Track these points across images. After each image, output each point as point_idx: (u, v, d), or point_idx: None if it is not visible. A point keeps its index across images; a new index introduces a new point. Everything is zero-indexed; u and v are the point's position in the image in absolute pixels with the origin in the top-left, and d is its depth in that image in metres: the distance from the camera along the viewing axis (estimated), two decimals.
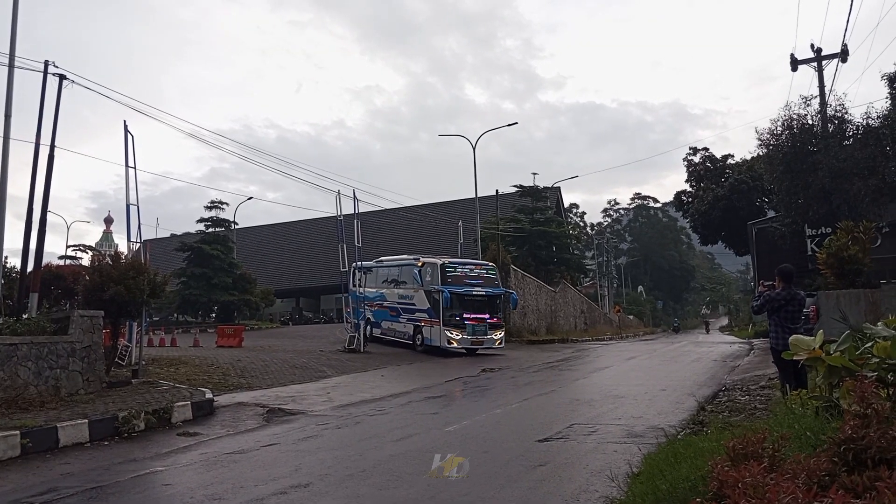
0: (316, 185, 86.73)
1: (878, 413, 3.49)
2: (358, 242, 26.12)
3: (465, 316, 24.80)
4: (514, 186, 51.41)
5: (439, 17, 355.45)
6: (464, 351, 25.01)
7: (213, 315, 51.81)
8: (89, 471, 7.96)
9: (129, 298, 14.37)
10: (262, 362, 18.83)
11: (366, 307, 29.52)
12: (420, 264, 26.22)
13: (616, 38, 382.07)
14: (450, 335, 24.51)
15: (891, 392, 4.69)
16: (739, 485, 3.18)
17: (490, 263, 28.96)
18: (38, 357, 11.53)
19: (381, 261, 31.08)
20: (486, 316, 25.52)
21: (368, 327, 29.07)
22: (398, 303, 27.93)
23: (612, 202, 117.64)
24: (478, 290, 25.60)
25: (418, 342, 25.95)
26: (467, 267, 26.68)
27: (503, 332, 26.69)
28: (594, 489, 6.21)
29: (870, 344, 5.19)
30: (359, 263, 31.83)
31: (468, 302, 25.15)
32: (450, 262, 26.25)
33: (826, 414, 5.12)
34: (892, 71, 29.92)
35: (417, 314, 26.32)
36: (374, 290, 29.88)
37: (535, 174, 63.73)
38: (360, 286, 30.22)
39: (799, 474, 3.24)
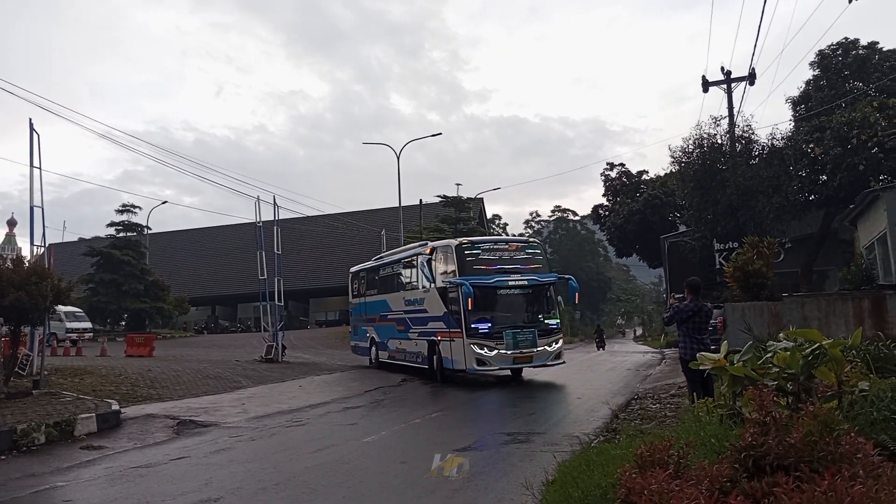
0: (235, 191, 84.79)
1: (776, 421, 3.64)
2: (277, 249, 25.51)
3: (499, 320, 16.44)
4: (439, 196, 51.75)
5: (366, 25, 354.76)
6: (493, 379, 17.92)
7: (123, 323, 49.98)
8: None
9: (30, 305, 13.69)
10: (174, 372, 18.21)
11: (368, 323, 22.79)
12: (428, 251, 18.31)
13: (538, 55, 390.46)
14: (478, 351, 15.97)
15: (790, 400, 4.93)
16: (645, 492, 3.27)
17: (532, 240, 22.07)
18: None
19: (381, 257, 23.59)
20: (534, 317, 17.22)
21: (374, 350, 22.18)
22: (405, 311, 19.63)
23: (534, 214, 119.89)
24: (516, 279, 16.81)
25: (436, 366, 17.69)
26: (495, 245, 17.77)
27: (561, 341, 17.51)
28: (510, 498, 6.27)
29: (770, 354, 5.43)
30: (358, 266, 25.33)
31: (503, 298, 16.79)
32: (469, 242, 17.58)
33: (730, 421, 5.31)
34: (796, 95, 31.96)
35: (431, 324, 17.88)
36: (375, 298, 22.40)
37: (458, 185, 64.37)
38: (361, 296, 23.84)
39: (702, 481, 3.35)
